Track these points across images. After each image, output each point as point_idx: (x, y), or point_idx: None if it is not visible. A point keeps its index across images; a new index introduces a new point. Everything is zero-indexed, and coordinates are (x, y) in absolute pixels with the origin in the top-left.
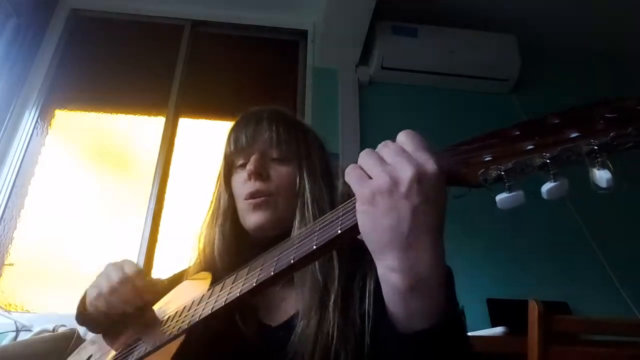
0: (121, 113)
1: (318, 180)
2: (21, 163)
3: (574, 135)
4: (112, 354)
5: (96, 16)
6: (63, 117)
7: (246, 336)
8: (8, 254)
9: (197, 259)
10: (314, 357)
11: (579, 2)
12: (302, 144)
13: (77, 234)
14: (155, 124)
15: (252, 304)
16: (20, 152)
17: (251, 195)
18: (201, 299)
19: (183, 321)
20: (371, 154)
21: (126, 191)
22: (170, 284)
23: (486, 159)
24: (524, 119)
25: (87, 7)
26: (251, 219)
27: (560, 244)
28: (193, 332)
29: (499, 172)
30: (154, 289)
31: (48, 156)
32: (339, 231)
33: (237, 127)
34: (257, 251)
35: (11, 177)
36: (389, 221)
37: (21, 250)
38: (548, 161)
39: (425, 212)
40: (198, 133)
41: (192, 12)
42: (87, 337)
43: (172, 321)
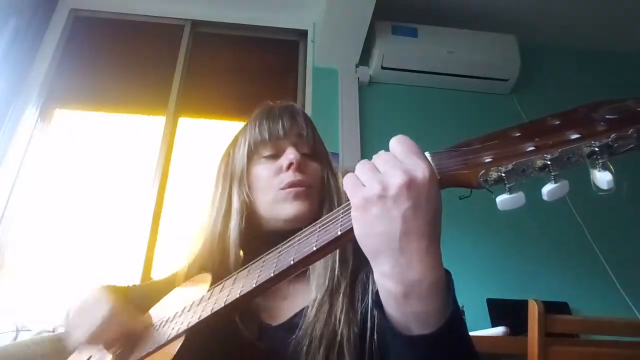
0: (121, 113)
1: (338, 181)
2: (21, 162)
3: (574, 137)
4: (112, 354)
5: (96, 16)
6: (63, 117)
7: (246, 337)
8: (8, 253)
9: (196, 258)
10: (321, 345)
11: (579, 2)
12: (322, 144)
13: (77, 234)
14: (155, 123)
15: (253, 304)
16: (21, 152)
17: (292, 185)
18: (201, 300)
19: (182, 322)
20: (365, 164)
21: (126, 190)
22: (168, 284)
23: (486, 160)
24: (524, 119)
25: (87, 7)
26: (290, 208)
27: (560, 244)
28: (193, 333)
29: (499, 173)
30: (140, 310)
31: (48, 155)
32: (339, 232)
33: (270, 117)
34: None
35: (11, 176)
36: (380, 227)
37: (21, 250)
38: (549, 163)
39: (416, 217)
40: (198, 133)
41: (192, 12)
42: None
43: (171, 322)
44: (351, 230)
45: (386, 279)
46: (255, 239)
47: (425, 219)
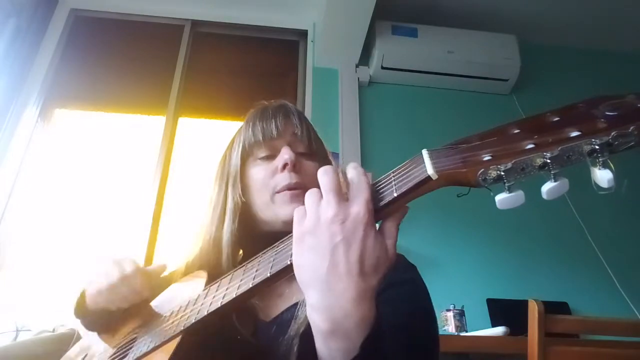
0: (121, 113)
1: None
2: (21, 162)
3: (574, 134)
4: (110, 351)
5: (96, 16)
6: (63, 117)
7: (243, 335)
8: (8, 253)
9: (195, 258)
10: None
11: (579, 2)
12: (320, 142)
13: (77, 233)
14: (155, 123)
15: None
16: (21, 151)
17: (287, 188)
18: (197, 299)
19: (179, 321)
20: (312, 194)
21: (126, 190)
22: (166, 282)
23: (485, 159)
24: None
25: (87, 7)
26: (288, 210)
27: (560, 244)
28: (190, 332)
29: (498, 172)
30: (152, 284)
31: (48, 155)
32: None
33: (263, 118)
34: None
35: (11, 176)
36: (310, 260)
37: (21, 250)
38: (549, 161)
39: (345, 253)
40: (198, 132)
41: (192, 12)
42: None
43: (168, 321)
44: None
45: (315, 312)
46: (255, 240)
47: (355, 255)
